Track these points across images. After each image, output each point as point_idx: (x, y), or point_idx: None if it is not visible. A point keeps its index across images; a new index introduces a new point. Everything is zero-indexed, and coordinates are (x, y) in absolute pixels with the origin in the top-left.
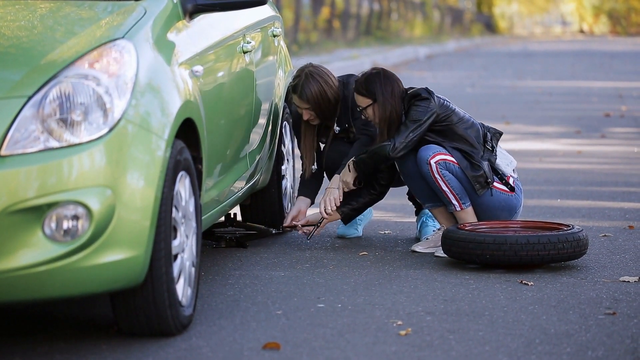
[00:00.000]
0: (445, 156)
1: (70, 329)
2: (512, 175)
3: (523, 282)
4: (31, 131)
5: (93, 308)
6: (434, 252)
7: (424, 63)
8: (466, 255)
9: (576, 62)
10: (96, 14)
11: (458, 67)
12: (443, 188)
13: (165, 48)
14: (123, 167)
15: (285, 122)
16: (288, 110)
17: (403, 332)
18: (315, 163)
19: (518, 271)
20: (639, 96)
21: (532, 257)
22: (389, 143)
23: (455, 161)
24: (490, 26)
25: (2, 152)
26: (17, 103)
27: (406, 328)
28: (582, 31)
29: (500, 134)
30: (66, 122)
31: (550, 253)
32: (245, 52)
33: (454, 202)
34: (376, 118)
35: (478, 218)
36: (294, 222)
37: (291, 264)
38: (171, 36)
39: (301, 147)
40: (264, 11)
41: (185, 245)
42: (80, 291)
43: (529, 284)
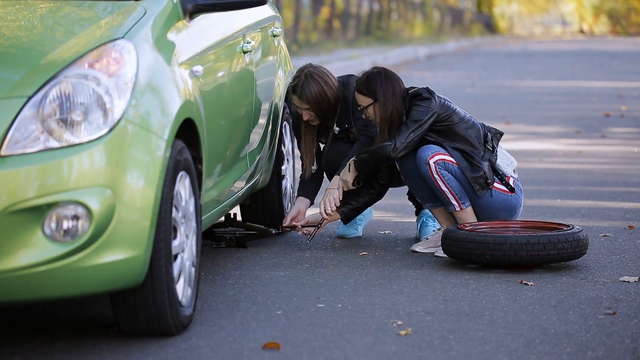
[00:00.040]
0: (444, 156)
1: (70, 329)
2: (513, 175)
3: (523, 282)
4: (31, 131)
5: (93, 308)
6: (434, 252)
7: (424, 63)
8: (466, 255)
9: (576, 62)
10: (96, 14)
11: (458, 67)
12: (442, 188)
13: (165, 48)
14: (123, 167)
15: (285, 122)
16: (288, 110)
17: (403, 332)
18: (315, 163)
19: (518, 271)
20: (639, 96)
21: (532, 257)
22: (390, 143)
23: (454, 161)
24: (490, 26)
25: (2, 152)
26: (17, 103)
27: (406, 328)
28: (582, 31)
29: (501, 134)
30: (66, 122)
31: (550, 253)
32: (245, 52)
33: (454, 203)
34: (377, 117)
35: (478, 218)
36: (294, 223)
37: (291, 264)
38: (171, 36)
39: (301, 148)
40: (264, 11)
41: (185, 245)
42: (80, 291)
43: (529, 284)
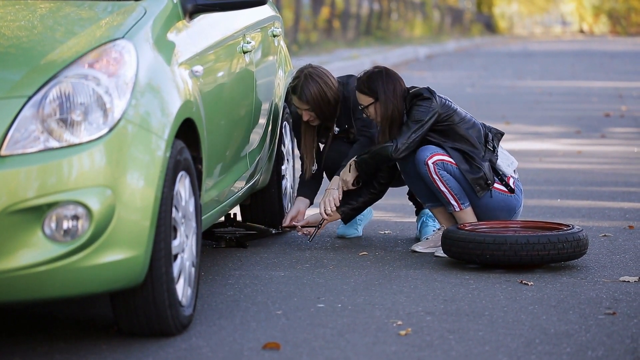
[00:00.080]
0: (442, 157)
1: (70, 329)
2: (513, 175)
3: (523, 282)
4: (31, 131)
5: (93, 308)
6: (434, 252)
7: (424, 63)
8: (466, 255)
9: (576, 62)
10: (96, 14)
11: (458, 67)
12: (441, 189)
13: (165, 48)
14: (123, 167)
15: (285, 122)
16: (288, 110)
17: (403, 332)
18: (315, 163)
19: (518, 271)
20: (639, 96)
21: (532, 257)
22: (391, 144)
23: (453, 162)
24: (490, 26)
25: (2, 152)
26: (17, 103)
27: (406, 328)
28: (582, 31)
29: (501, 134)
30: (66, 122)
31: (550, 253)
32: (245, 52)
33: (453, 203)
34: (378, 117)
35: (477, 218)
36: (294, 223)
37: (291, 264)
38: (171, 36)
39: (301, 148)
40: (264, 11)
41: (185, 245)
42: (80, 291)
43: (529, 284)
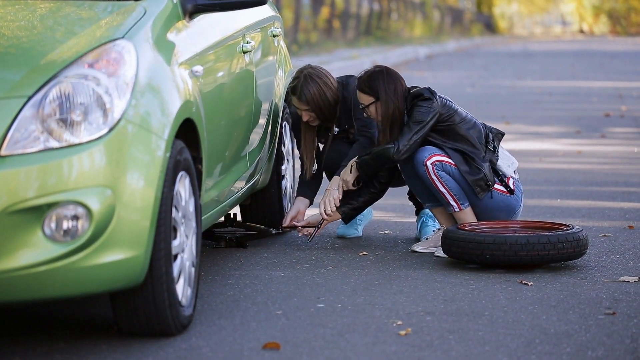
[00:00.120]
0: (441, 157)
1: (70, 329)
2: (513, 176)
3: (523, 282)
4: (31, 131)
5: (93, 308)
6: (434, 252)
7: (424, 63)
8: (466, 255)
9: (576, 62)
10: (96, 14)
11: (458, 67)
12: (440, 189)
13: (165, 48)
14: (123, 167)
15: (285, 122)
16: (288, 110)
17: (403, 332)
18: (315, 164)
19: (518, 271)
20: (639, 96)
21: (532, 257)
22: (393, 146)
23: (452, 162)
24: (490, 26)
25: (2, 152)
26: (17, 103)
27: (406, 328)
28: (582, 31)
29: (502, 135)
30: (66, 122)
31: (550, 253)
32: (245, 52)
33: (452, 203)
34: (379, 116)
35: (477, 219)
36: (294, 223)
37: (291, 264)
38: (171, 36)
39: (301, 149)
40: (264, 11)
41: (185, 245)
42: (80, 291)
43: (529, 284)
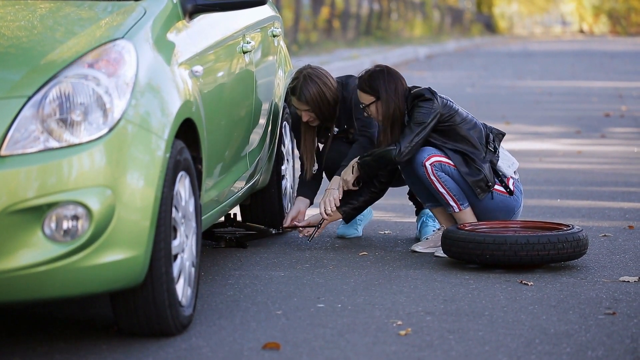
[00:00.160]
0: (440, 158)
1: (70, 329)
2: (513, 177)
3: (523, 282)
4: (31, 131)
5: (93, 308)
6: (434, 252)
7: (424, 63)
8: (466, 255)
9: (576, 62)
10: (96, 14)
11: (458, 67)
12: (440, 190)
13: (165, 48)
14: (123, 167)
15: (285, 122)
16: (288, 110)
17: (403, 332)
18: (315, 164)
19: (518, 271)
20: (639, 96)
21: (532, 257)
22: (395, 147)
23: (451, 163)
24: (490, 26)
25: (2, 152)
26: (17, 103)
27: (406, 328)
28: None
29: (502, 135)
30: (66, 122)
31: (550, 253)
32: (245, 52)
33: (452, 204)
34: (379, 116)
35: (477, 219)
36: (294, 223)
37: (291, 264)
38: (171, 36)
39: (301, 149)
40: (264, 11)
41: (185, 245)
42: (80, 291)
43: (529, 284)
